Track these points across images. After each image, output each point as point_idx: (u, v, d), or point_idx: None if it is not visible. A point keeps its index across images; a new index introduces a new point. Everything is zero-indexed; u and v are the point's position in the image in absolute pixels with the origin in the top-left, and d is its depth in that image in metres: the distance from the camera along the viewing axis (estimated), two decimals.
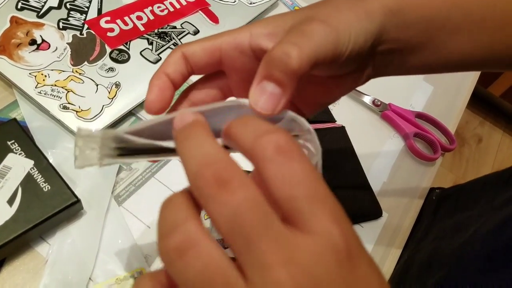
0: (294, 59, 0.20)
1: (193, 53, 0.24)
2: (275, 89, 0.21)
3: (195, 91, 0.27)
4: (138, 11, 0.48)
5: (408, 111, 0.54)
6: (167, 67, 0.24)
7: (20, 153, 0.36)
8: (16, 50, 0.41)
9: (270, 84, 0.21)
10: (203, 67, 0.25)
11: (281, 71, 0.21)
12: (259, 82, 0.21)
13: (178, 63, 0.24)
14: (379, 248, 0.43)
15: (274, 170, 0.16)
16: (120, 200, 0.39)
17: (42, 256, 0.35)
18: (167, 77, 0.24)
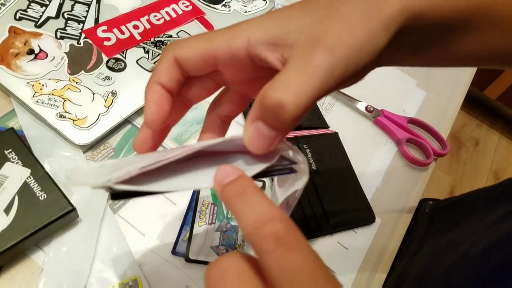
0: (288, 111, 0.19)
1: (186, 59, 0.23)
2: (269, 132, 0.21)
3: (188, 86, 0.25)
4: (135, 20, 0.49)
5: (400, 116, 0.54)
6: (161, 76, 0.23)
7: (17, 162, 0.36)
8: (14, 59, 0.42)
9: (264, 126, 0.21)
10: (198, 72, 0.24)
11: (275, 119, 0.20)
12: (254, 121, 0.21)
13: (172, 70, 0.23)
14: (373, 254, 0.44)
15: (274, 263, 0.16)
16: (115, 208, 0.39)
17: (38, 265, 0.35)
18: (162, 87, 0.23)
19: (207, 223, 0.41)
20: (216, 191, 0.21)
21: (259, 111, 0.20)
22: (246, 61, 0.23)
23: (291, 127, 0.21)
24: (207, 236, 0.40)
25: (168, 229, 0.40)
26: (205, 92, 0.26)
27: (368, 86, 0.58)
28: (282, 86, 0.19)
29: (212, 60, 0.23)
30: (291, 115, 0.19)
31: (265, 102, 0.20)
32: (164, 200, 0.41)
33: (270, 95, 0.19)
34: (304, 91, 0.19)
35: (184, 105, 0.26)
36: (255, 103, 0.21)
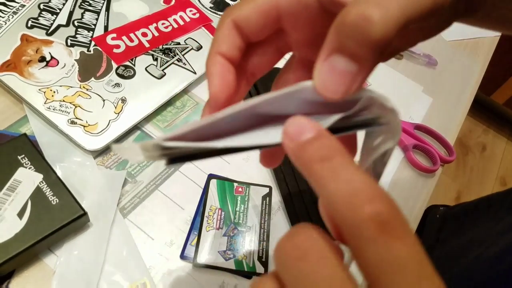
0: (376, 25, 0.15)
1: (246, 19, 0.20)
2: (349, 66, 0.16)
3: (249, 57, 0.23)
4: (143, 27, 0.50)
5: (407, 123, 0.55)
6: (221, 45, 0.21)
7: (30, 167, 0.37)
8: (27, 67, 0.43)
9: (343, 59, 0.16)
10: (260, 33, 0.21)
11: (358, 42, 0.16)
12: (328, 56, 0.17)
13: (232, 37, 0.21)
14: None
15: (376, 254, 0.14)
16: (125, 212, 0.40)
17: (50, 268, 0.36)
18: (223, 57, 0.21)
19: (215, 228, 0.41)
20: (288, 150, 0.16)
21: (335, 40, 0.16)
22: (313, 6, 0.19)
23: (377, 54, 0.16)
24: (214, 240, 0.40)
25: (177, 233, 0.40)
26: (267, 61, 0.23)
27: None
28: (365, 1, 0.16)
29: (274, 14, 0.20)
30: (379, 29, 0.15)
31: (345, 19, 0.16)
32: (173, 205, 0.42)
33: (351, 11, 0.15)
34: (392, 5, 0.15)
35: (247, 80, 0.24)
36: (329, 33, 0.16)
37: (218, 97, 0.20)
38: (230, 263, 0.39)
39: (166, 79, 0.47)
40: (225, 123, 0.17)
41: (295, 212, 0.43)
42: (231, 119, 0.17)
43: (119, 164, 0.42)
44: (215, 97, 0.20)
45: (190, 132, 0.17)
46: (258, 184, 0.45)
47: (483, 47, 0.72)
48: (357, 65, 0.16)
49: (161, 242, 0.39)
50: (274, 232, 0.43)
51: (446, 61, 0.67)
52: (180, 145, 0.17)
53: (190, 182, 0.44)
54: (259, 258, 0.40)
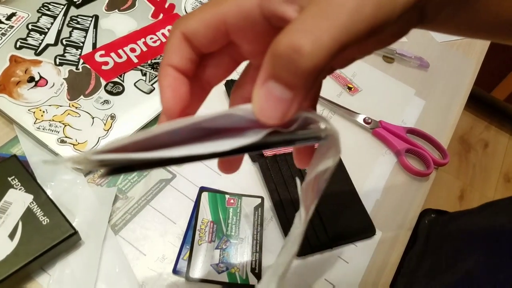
0: (306, 56, 0.15)
1: (194, 32, 0.20)
2: (284, 93, 0.17)
3: (203, 67, 0.22)
4: (132, 43, 0.50)
5: (399, 127, 0.55)
6: (171, 57, 0.20)
7: (20, 188, 0.38)
8: (16, 88, 0.44)
9: (278, 86, 0.17)
10: (211, 45, 0.21)
11: (290, 72, 0.16)
12: (264, 82, 0.17)
13: (182, 49, 0.20)
14: (374, 267, 0.44)
15: None
16: (117, 229, 0.40)
17: (43, 287, 0.36)
18: (174, 70, 0.20)
19: (207, 241, 0.41)
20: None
21: (269, 67, 0.16)
22: (260, 22, 0.19)
23: (311, 81, 0.16)
24: (207, 254, 0.40)
25: (169, 248, 0.40)
26: (222, 71, 0.23)
27: (366, 98, 0.58)
28: (297, 29, 0.16)
29: (222, 28, 0.20)
30: (309, 60, 0.15)
31: (276, 50, 0.16)
32: (164, 220, 0.42)
33: (281, 41, 0.16)
34: (325, 31, 0.15)
35: (202, 89, 0.23)
36: (265, 60, 0.17)
37: (171, 110, 0.20)
38: (223, 276, 0.39)
39: (156, 94, 0.48)
40: (169, 135, 0.17)
41: (287, 222, 0.43)
42: (173, 133, 0.17)
43: (110, 181, 0.43)
44: (168, 110, 0.20)
45: (129, 144, 0.17)
46: (250, 195, 0.45)
47: (476, 47, 0.72)
48: (292, 92, 0.17)
49: (153, 258, 0.39)
50: (267, 243, 0.43)
51: (438, 63, 0.67)
52: (111, 157, 0.16)
53: (181, 196, 0.44)
54: (252, 269, 0.40)
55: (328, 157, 0.21)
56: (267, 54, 0.17)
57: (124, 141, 0.17)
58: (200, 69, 0.22)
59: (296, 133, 0.19)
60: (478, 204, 0.51)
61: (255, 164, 0.48)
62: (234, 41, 0.21)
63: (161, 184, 0.44)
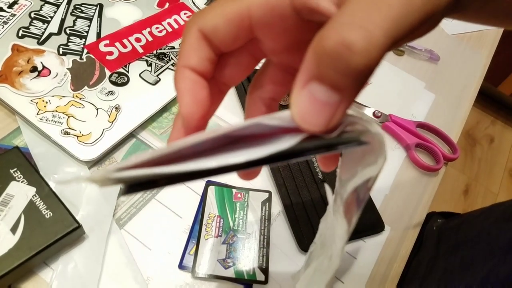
0: (359, 53, 0.13)
1: (214, 29, 0.18)
2: (330, 96, 0.15)
3: (221, 67, 0.21)
4: (137, 33, 0.49)
5: (409, 121, 0.53)
6: (189, 59, 0.18)
7: (22, 180, 0.37)
8: (18, 78, 0.42)
9: (323, 88, 0.15)
10: (231, 43, 0.19)
11: (339, 71, 0.14)
12: (306, 84, 0.15)
13: (200, 49, 0.18)
14: (382, 263, 0.43)
15: None
16: (121, 223, 0.39)
17: (46, 282, 0.35)
18: (192, 72, 0.19)
19: (214, 236, 0.40)
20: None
21: (313, 66, 0.14)
22: (289, 15, 0.18)
23: (362, 82, 0.14)
24: (213, 249, 0.40)
25: (174, 243, 0.39)
26: (242, 70, 0.21)
27: (376, 91, 0.57)
28: (346, 23, 0.14)
29: (246, 23, 0.18)
30: (362, 57, 0.13)
31: (322, 47, 0.14)
32: (170, 214, 0.41)
33: (329, 36, 0.14)
34: (377, 25, 0.14)
35: (219, 91, 0.22)
36: (306, 58, 0.15)
37: (191, 117, 0.18)
38: (229, 271, 0.39)
39: (161, 85, 0.47)
40: (193, 148, 0.16)
41: (295, 217, 0.42)
42: (197, 145, 0.16)
43: None
44: (188, 117, 0.18)
45: (149, 160, 0.15)
46: (258, 189, 0.44)
47: (487, 40, 0.70)
48: (339, 95, 0.15)
49: (159, 252, 0.39)
50: (274, 239, 0.42)
51: (448, 56, 0.65)
52: (135, 174, 0.14)
53: (187, 190, 0.43)
54: (259, 265, 0.40)
55: (370, 164, 0.18)
56: (308, 51, 0.15)
57: (144, 157, 0.15)
58: (217, 70, 0.20)
59: (337, 137, 0.17)
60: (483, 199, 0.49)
61: None
62: (258, 37, 0.19)
63: None
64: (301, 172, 0.45)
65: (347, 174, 0.21)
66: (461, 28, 0.70)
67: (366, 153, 0.19)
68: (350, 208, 0.21)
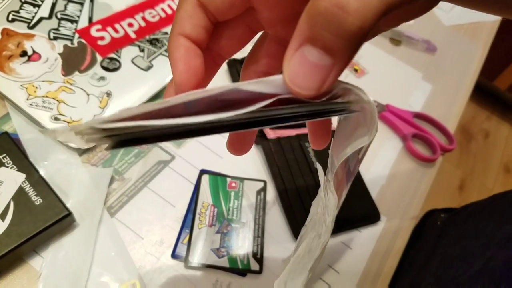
0: (353, 14, 0.13)
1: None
2: (322, 59, 0.15)
3: (216, 38, 0.20)
4: (129, 18, 0.48)
5: (406, 111, 0.53)
6: (184, 26, 0.18)
7: (11, 166, 0.36)
8: (7, 62, 0.41)
9: (315, 50, 0.14)
10: (228, 12, 0.19)
11: (332, 32, 0.14)
12: (299, 46, 0.15)
13: (196, 16, 0.18)
14: (378, 253, 0.43)
15: None
16: (113, 211, 0.39)
17: (36, 270, 0.34)
18: (187, 40, 0.18)
19: (207, 225, 0.40)
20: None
21: (306, 29, 0.14)
22: None
23: (355, 45, 0.14)
24: (207, 238, 0.39)
25: (167, 232, 0.39)
26: (237, 42, 0.21)
27: (373, 81, 0.56)
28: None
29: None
30: (357, 19, 0.13)
31: (316, 7, 0.14)
32: (163, 202, 0.40)
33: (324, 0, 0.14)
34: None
35: (214, 62, 0.21)
36: (300, 21, 0.15)
37: (184, 85, 0.18)
38: (223, 260, 0.38)
39: (154, 71, 0.46)
40: (185, 107, 0.15)
41: (290, 207, 0.42)
42: (190, 105, 0.15)
43: (105, 161, 0.41)
44: (180, 84, 0.18)
45: (140, 114, 0.14)
46: (252, 178, 0.44)
47: (483, 31, 0.70)
48: (332, 58, 0.14)
49: (151, 241, 0.38)
50: (269, 228, 0.41)
51: (445, 47, 0.65)
52: (123, 125, 0.14)
53: (181, 178, 0.42)
54: (253, 254, 0.39)
55: (362, 135, 0.18)
56: (303, 14, 0.15)
57: (134, 111, 0.14)
58: (212, 41, 0.20)
59: (328, 103, 0.17)
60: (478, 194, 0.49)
61: (257, 147, 0.46)
62: (254, 6, 0.19)
63: (160, 166, 0.42)
64: (297, 161, 0.44)
65: (339, 152, 0.21)
66: (457, 18, 0.69)
67: (358, 125, 0.19)
68: (340, 182, 0.21)
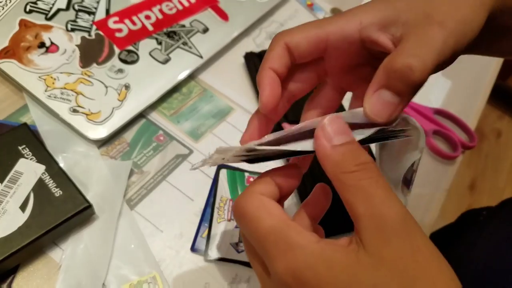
0: (416, 72, 0.21)
1: (297, 45, 0.25)
2: (394, 98, 0.22)
3: (292, 81, 0.27)
4: (147, 10, 0.48)
5: (426, 107, 0.52)
6: (273, 62, 0.25)
7: (31, 158, 0.35)
8: (26, 53, 0.41)
9: (389, 93, 0.22)
10: (307, 56, 0.26)
11: (403, 82, 0.21)
12: (377, 90, 0.22)
13: (283, 56, 0.25)
14: None
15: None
16: (132, 204, 0.38)
17: (56, 262, 0.34)
18: (274, 72, 0.25)
19: (226, 219, 0.39)
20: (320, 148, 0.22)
21: (384, 78, 0.22)
22: (356, 43, 0.25)
23: (415, 91, 0.22)
24: (226, 232, 0.38)
25: (186, 225, 0.38)
26: (307, 84, 0.28)
27: None
28: (409, 53, 0.21)
29: (323, 45, 0.25)
30: (419, 77, 0.21)
31: (393, 66, 0.22)
32: (181, 196, 0.40)
33: (399, 61, 0.21)
34: (428, 56, 0.21)
35: (287, 100, 0.28)
36: (379, 73, 0.22)
37: (268, 105, 0.25)
38: (242, 255, 0.38)
39: (171, 64, 0.45)
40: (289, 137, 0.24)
41: None
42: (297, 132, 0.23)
43: (124, 154, 0.40)
44: (265, 105, 0.25)
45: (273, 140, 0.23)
46: None
47: None
48: (399, 98, 0.22)
49: (171, 235, 0.38)
50: None
51: None
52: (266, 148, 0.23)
53: (199, 172, 0.42)
54: None
55: (411, 151, 0.25)
56: (381, 67, 0.22)
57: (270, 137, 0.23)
58: (287, 81, 0.27)
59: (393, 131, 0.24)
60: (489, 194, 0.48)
61: None
62: (325, 57, 0.26)
63: (178, 160, 0.42)
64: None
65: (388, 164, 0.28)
66: None
67: (408, 143, 0.26)
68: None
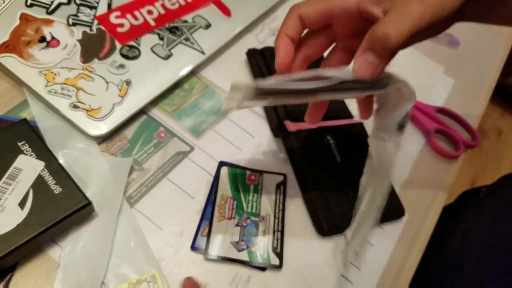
0: (392, 39, 0.26)
1: (308, 15, 0.30)
2: (375, 59, 0.27)
3: (306, 45, 0.33)
4: (149, 5, 0.47)
5: (428, 106, 0.51)
6: (288, 29, 0.30)
7: (30, 154, 0.35)
8: (26, 48, 0.41)
9: (372, 55, 0.27)
10: (315, 25, 0.31)
11: (381, 46, 0.26)
12: (363, 52, 0.27)
13: (296, 25, 0.30)
14: (400, 250, 0.42)
15: None
16: (132, 201, 0.38)
17: (54, 260, 0.34)
18: (288, 37, 0.30)
19: (227, 217, 0.39)
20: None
21: (368, 43, 0.27)
22: (355, 14, 0.29)
23: (392, 55, 0.27)
24: (227, 231, 0.38)
25: (187, 223, 0.38)
26: (321, 47, 0.33)
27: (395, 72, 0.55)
28: (387, 24, 0.26)
29: (328, 15, 0.30)
30: (394, 42, 0.26)
31: (375, 34, 0.26)
32: (182, 194, 0.39)
33: (379, 30, 0.26)
34: (403, 27, 0.26)
35: (304, 62, 0.33)
36: (365, 38, 0.27)
37: (283, 65, 0.31)
38: (243, 254, 0.37)
39: (173, 60, 0.45)
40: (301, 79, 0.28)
41: (312, 201, 0.41)
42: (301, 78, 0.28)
43: (124, 151, 0.40)
44: (280, 65, 0.31)
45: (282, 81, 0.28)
46: (272, 171, 0.43)
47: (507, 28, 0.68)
48: (380, 59, 0.27)
49: (171, 233, 0.37)
50: (289, 222, 0.40)
51: (468, 41, 0.63)
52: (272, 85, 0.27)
53: (200, 170, 0.41)
54: (273, 249, 0.38)
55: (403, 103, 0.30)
56: (366, 35, 0.27)
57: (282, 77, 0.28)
58: (304, 47, 0.33)
59: (376, 82, 0.29)
60: None
61: (277, 140, 0.45)
62: (333, 24, 0.31)
63: (179, 157, 0.41)
64: (319, 155, 0.43)
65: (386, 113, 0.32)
66: None
67: (400, 98, 0.30)
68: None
